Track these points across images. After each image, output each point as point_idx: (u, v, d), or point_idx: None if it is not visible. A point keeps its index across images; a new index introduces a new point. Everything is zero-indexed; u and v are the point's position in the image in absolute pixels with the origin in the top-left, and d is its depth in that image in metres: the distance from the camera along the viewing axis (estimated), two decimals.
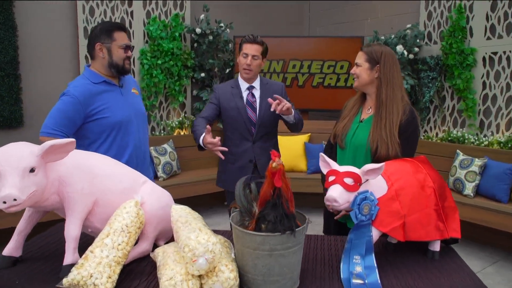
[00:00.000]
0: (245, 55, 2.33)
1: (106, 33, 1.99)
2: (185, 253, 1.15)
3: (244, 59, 2.34)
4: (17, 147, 1.27)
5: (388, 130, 1.74)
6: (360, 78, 1.84)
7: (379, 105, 1.79)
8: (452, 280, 1.35)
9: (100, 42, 1.99)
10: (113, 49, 2.00)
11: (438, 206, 1.48)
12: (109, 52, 2.00)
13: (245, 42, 2.34)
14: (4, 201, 1.17)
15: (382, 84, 1.79)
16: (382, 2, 4.84)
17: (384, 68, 1.79)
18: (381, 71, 1.79)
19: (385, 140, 1.73)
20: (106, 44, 1.99)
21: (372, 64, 1.81)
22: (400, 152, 1.72)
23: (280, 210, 1.21)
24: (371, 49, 1.84)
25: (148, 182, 1.62)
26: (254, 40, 2.33)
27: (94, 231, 1.49)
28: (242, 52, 2.34)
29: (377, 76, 1.81)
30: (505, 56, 3.77)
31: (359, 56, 1.87)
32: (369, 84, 1.84)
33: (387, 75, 1.79)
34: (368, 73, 1.82)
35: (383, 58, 1.80)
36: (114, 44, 2.00)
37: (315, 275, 1.37)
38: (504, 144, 3.63)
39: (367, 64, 1.82)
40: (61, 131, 1.91)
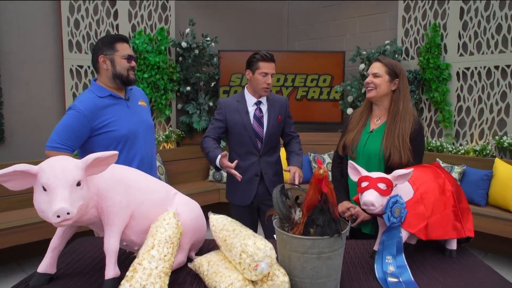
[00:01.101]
0: (264, 74, 2.35)
1: (108, 45, 2.02)
2: (242, 260, 1.19)
3: (263, 78, 2.35)
4: (62, 160, 1.26)
5: (401, 139, 1.86)
6: (379, 89, 1.94)
7: (394, 116, 1.91)
8: (474, 275, 1.46)
9: (103, 54, 2.01)
10: (116, 60, 2.02)
11: (456, 208, 1.60)
12: (112, 63, 2.02)
13: (262, 61, 2.35)
14: (58, 215, 1.16)
15: (400, 97, 1.91)
16: (361, 18, 5.08)
17: (402, 82, 1.92)
18: (400, 84, 1.92)
19: (398, 147, 1.85)
20: (108, 56, 2.01)
21: (392, 77, 1.93)
22: (412, 158, 1.85)
23: (328, 215, 1.27)
24: (391, 62, 1.95)
25: (178, 193, 1.64)
26: (272, 58, 2.37)
27: (129, 244, 1.49)
28: (260, 71, 2.35)
29: (395, 89, 1.93)
30: (476, 71, 4.07)
31: (377, 67, 1.95)
32: (385, 96, 1.96)
33: (404, 89, 1.92)
34: (387, 85, 1.93)
35: (401, 73, 1.93)
36: (117, 54, 2.02)
37: (350, 276, 1.44)
38: (479, 152, 3.89)
39: (387, 76, 1.93)
40: (67, 145, 1.92)
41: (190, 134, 4.80)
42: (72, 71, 3.97)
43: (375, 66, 1.97)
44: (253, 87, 2.44)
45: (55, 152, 1.87)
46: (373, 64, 1.99)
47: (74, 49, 3.98)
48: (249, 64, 2.42)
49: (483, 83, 4.04)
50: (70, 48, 3.95)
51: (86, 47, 4.06)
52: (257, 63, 2.37)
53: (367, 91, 2.00)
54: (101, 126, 1.97)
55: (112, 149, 2.00)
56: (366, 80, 1.99)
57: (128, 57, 2.05)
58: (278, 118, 2.46)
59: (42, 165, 1.22)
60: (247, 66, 2.44)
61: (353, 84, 4.48)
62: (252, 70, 2.40)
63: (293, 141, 2.58)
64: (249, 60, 2.43)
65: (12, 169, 1.16)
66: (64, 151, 1.89)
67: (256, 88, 2.41)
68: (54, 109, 3.93)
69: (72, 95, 3.98)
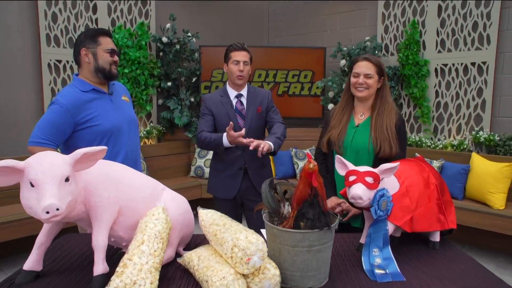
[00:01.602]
0: (236, 62, 2.39)
1: (91, 38, 1.99)
2: (234, 254, 1.20)
3: (235, 66, 2.39)
4: (49, 155, 1.24)
5: (390, 130, 1.92)
6: (371, 89, 1.98)
7: (381, 110, 1.96)
8: (456, 265, 1.51)
9: (85, 47, 1.98)
10: (99, 53, 1.99)
11: (439, 200, 1.65)
12: (95, 56, 1.99)
13: (233, 50, 2.41)
14: (47, 211, 1.15)
15: (385, 93, 1.97)
16: (342, 15, 5.13)
17: (385, 80, 1.99)
18: (384, 82, 1.98)
19: (388, 138, 1.91)
20: (91, 49, 1.99)
21: (380, 76, 1.98)
22: (400, 150, 1.91)
23: (317, 208, 1.29)
24: (378, 61, 1.99)
25: (166, 189, 1.64)
26: (242, 47, 2.41)
27: (117, 240, 1.47)
28: (232, 60, 2.39)
29: (380, 86, 1.98)
30: (454, 68, 4.18)
31: (368, 67, 1.96)
32: (373, 94, 2.01)
33: (388, 85, 1.99)
34: (377, 84, 1.99)
35: (385, 70, 1.99)
36: (100, 48, 2.00)
37: (339, 269, 1.47)
38: (457, 146, 4.00)
39: (377, 76, 1.98)
40: (51, 140, 1.89)
41: (171, 130, 4.76)
42: (50, 65, 3.87)
43: (366, 66, 1.96)
44: (230, 78, 2.47)
45: (39, 148, 1.83)
46: (362, 63, 1.97)
47: (52, 43, 3.89)
48: (225, 57, 2.48)
49: (460, 79, 4.15)
50: (48, 42, 3.85)
51: (65, 41, 3.96)
52: (230, 54, 2.43)
53: (358, 91, 1.98)
54: (85, 120, 1.94)
55: (96, 144, 1.98)
56: (358, 81, 1.96)
57: (111, 51, 2.02)
58: (258, 109, 2.48)
59: (29, 161, 1.20)
60: (224, 60, 2.49)
61: (334, 79, 4.53)
62: (227, 62, 2.46)
63: (276, 124, 2.47)
64: (224, 54, 2.48)
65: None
66: (47, 146, 1.86)
67: (232, 78, 2.45)
68: (32, 105, 3.83)
69: (50, 90, 3.88)
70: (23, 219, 3.15)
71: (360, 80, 1.96)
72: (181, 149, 4.79)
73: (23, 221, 3.16)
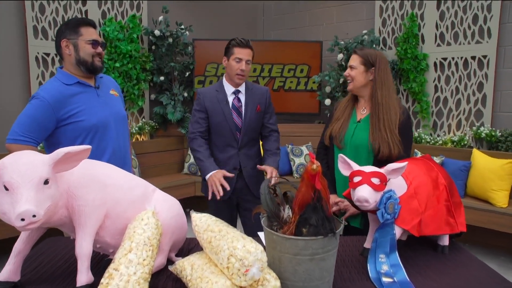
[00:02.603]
0: (238, 60, 2.26)
1: (72, 28, 1.86)
2: (230, 264, 1.09)
3: (237, 64, 2.26)
4: (26, 156, 1.13)
5: (388, 130, 1.80)
6: (355, 81, 1.89)
7: (375, 106, 1.85)
8: (469, 271, 1.41)
9: (66, 38, 1.86)
10: (80, 45, 1.86)
11: (449, 202, 1.55)
12: (76, 48, 1.86)
13: (236, 46, 2.26)
14: (23, 218, 1.03)
15: (377, 86, 1.85)
16: (338, 8, 5.02)
17: (379, 71, 1.86)
18: (376, 73, 1.85)
19: (386, 139, 1.79)
20: (72, 40, 1.86)
21: (368, 67, 1.87)
22: (402, 150, 1.79)
23: (321, 213, 1.19)
24: (366, 52, 1.90)
25: (157, 190, 1.52)
26: (247, 44, 2.28)
27: (103, 246, 1.36)
28: (235, 56, 2.26)
29: (372, 79, 1.87)
30: (453, 62, 4.08)
31: (353, 59, 1.92)
32: (364, 87, 1.90)
33: (382, 77, 1.86)
34: (364, 75, 1.88)
35: (378, 61, 1.87)
36: (81, 39, 1.86)
37: (343, 277, 1.37)
38: (457, 142, 3.91)
39: (362, 67, 1.88)
40: (31, 137, 1.77)
41: (164, 126, 4.63)
42: (38, 59, 3.72)
43: (352, 58, 1.95)
44: (228, 74, 2.34)
45: (17, 146, 1.71)
46: (352, 56, 1.96)
47: (40, 36, 3.73)
48: (226, 50, 2.34)
49: (460, 73, 4.06)
50: (35, 35, 3.70)
51: (53, 34, 3.80)
52: (232, 49, 2.28)
53: (348, 84, 1.97)
54: (68, 116, 1.81)
55: (81, 140, 1.86)
56: (344, 73, 1.97)
57: (93, 42, 1.89)
58: (257, 108, 2.36)
59: (4, 161, 1.08)
60: (224, 53, 2.35)
61: (331, 74, 4.41)
62: (227, 56, 2.32)
63: (271, 137, 2.44)
64: (226, 47, 2.34)
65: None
66: (27, 144, 1.73)
67: (231, 75, 2.32)
68: (19, 100, 3.67)
69: (38, 84, 3.74)
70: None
71: (345, 72, 1.96)
72: (174, 146, 4.66)
73: None
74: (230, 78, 2.34)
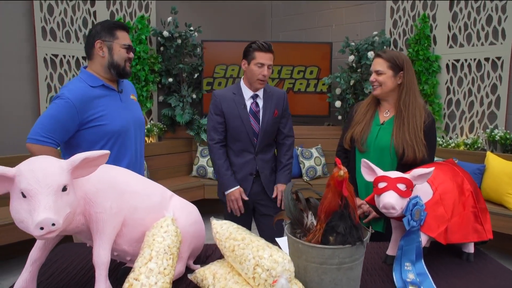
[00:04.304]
0: (260, 65, 2.20)
1: (108, 30, 1.83)
2: (256, 274, 1.05)
3: (259, 69, 2.20)
4: (44, 161, 1.08)
5: (413, 134, 1.76)
6: (384, 86, 1.84)
7: (402, 110, 1.80)
8: (497, 281, 1.36)
9: (100, 40, 1.82)
10: (115, 48, 1.83)
11: (475, 208, 1.50)
12: (110, 51, 1.83)
13: (258, 50, 2.20)
14: (42, 227, 0.99)
15: (406, 90, 1.81)
16: (348, 9, 4.97)
17: (407, 74, 1.81)
18: (404, 78, 1.81)
19: (411, 143, 1.75)
20: (107, 42, 1.82)
21: (396, 71, 1.82)
22: (426, 154, 1.75)
23: (349, 221, 1.15)
24: (392, 55, 1.85)
25: (174, 196, 1.48)
26: (269, 48, 2.22)
27: (120, 254, 1.32)
28: (256, 61, 2.20)
29: (400, 83, 1.82)
30: (466, 63, 4.02)
31: (379, 63, 1.86)
32: (392, 91, 1.85)
33: (410, 81, 1.82)
34: (392, 80, 1.83)
35: (405, 64, 1.82)
36: (116, 42, 1.84)
37: (368, 285, 1.32)
38: (470, 145, 3.85)
39: (390, 72, 1.83)
40: (52, 139, 1.73)
41: (172, 128, 4.59)
42: (46, 60, 3.69)
43: (376, 62, 1.88)
44: (248, 78, 2.28)
45: (38, 146, 1.67)
46: (374, 60, 1.90)
47: (48, 37, 3.71)
48: (245, 53, 2.27)
49: (473, 75, 4.00)
50: (44, 36, 3.68)
51: (61, 35, 3.78)
52: (253, 53, 2.21)
53: (373, 89, 1.92)
54: (91, 119, 1.77)
55: (101, 145, 1.82)
56: (370, 79, 1.91)
57: (128, 47, 1.87)
58: (275, 113, 2.31)
59: (21, 168, 1.04)
60: (243, 56, 2.29)
61: (342, 75, 4.36)
62: (248, 60, 2.25)
63: (285, 145, 2.41)
64: (245, 49, 2.27)
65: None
66: (48, 145, 1.69)
67: (251, 80, 2.26)
68: (27, 101, 3.65)
69: (46, 86, 3.71)
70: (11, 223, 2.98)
71: (371, 77, 1.90)
72: (183, 148, 4.63)
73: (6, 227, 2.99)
74: (250, 82, 2.28)
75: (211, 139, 2.29)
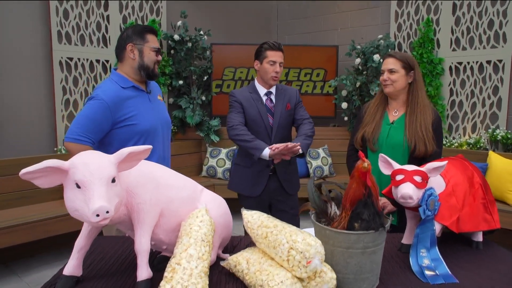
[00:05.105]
0: (272, 63, 2.34)
1: (138, 34, 1.94)
2: (291, 257, 1.15)
3: (271, 67, 2.35)
4: (95, 155, 1.19)
5: (424, 129, 1.88)
6: (397, 84, 1.96)
7: (414, 107, 1.93)
8: (507, 266, 1.47)
9: (132, 43, 1.92)
10: (145, 51, 1.94)
11: (485, 200, 1.61)
12: (141, 53, 1.94)
13: (269, 49, 2.35)
14: (97, 214, 1.09)
15: (418, 87, 1.93)
16: (353, 12, 5.09)
17: (417, 74, 1.94)
18: (416, 76, 1.93)
19: (422, 137, 1.87)
20: (138, 45, 1.93)
21: (408, 70, 1.94)
22: (436, 146, 1.87)
23: (372, 209, 1.25)
24: (404, 56, 1.97)
25: (205, 189, 1.59)
26: (279, 47, 2.37)
27: (157, 243, 1.43)
28: (268, 59, 2.34)
29: (411, 81, 1.94)
30: (469, 66, 4.15)
31: (391, 62, 1.98)
32: (403, 89, 1.97)
33: (420, 80, 1.94)
34: (405, 78, 1.95)
35: (416, 65, 1.94)
36: (147, 46, 1.95)
37: (387, 271, 1.43)
38: (473, 145, 3.97)
39: (403, 70, 1.95)
40: (88, 138, 1.82)
41: (182, 129, 4.70)
42: (61, 63, 3.80)
43: (389, 62, 2.00)
44: (262, 77, 2.42)
45: (77, 145, 1.76)
46: (386, 60, 2.01)
47: (64, 41, 3.82)
48: (257, 54, 2.42)
49: (475, 77, 4.12)
50: (60, 39, 3.79)
51: (76, 39, 3.89)
52: (265, 53, 2.37)
53: (385, 87, 2.03)
54: (123, 119, 1.87)
55: (133, 143, 1.91)
56: (382, 77, 2.02)
57: (157, 50, 1.98)
58: (287, 106, 2.44)
59: (74, 161, 1.15)
60: (255, 57, 2.44)
61: (348, 78, 4.48)
62: (260, 60, 2.40)
63: (305, 124, 2.43)
64: (257, 50, 2.43)
65: (44, 165, 1.09)
66: (85, 143, 1.79)
67: (265, 78, 2.40)
68: (43, 103, 3.76)
69: (61, 88, 3.82)
70: (31, 222, 3.07)
71: (384, 76, 2.00)
72: (193, 149, 4.74)
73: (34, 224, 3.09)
74: (264, 80, 2.42)
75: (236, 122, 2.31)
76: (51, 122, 3.81)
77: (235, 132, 2.30)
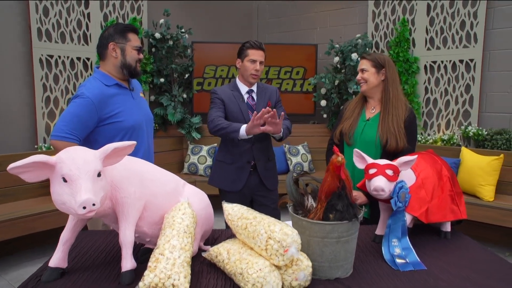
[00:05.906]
0: (252, 61, 2.41)
1: (120, 33, 1.97)
2: (269, 246, 1.22)
3: (252, 65, 2.42)
4: (81, 150, 1.24)
5: (396, 124, 1.98)
6: (369, 82, 2.06)
7: (386, 103, 2.02)
8: (470, 253, 1.57)
9: (114, 42, 1.96)
10: (127, 50, 1.98)
11: (452, 192, 1.71)
12: (123, 52, 1.97)
13: (250, 48, 2.41)
14: (84, 206, 1.14)
15: (389, 84, 2.03)
16: (332, 12, 5.19)
17: (389, 71, 2.04)
18: (387, 73, 2.03)
19: (394, 133, 1.97)
20: (120, 44, 1.97)
21: (378, 68, 2.04)
22: (407, 143, 1.97)
23: (346, 200, 1.33)
24: (375, 56, 2.07)
25: (187, 184, 1.64)
26: (260, 46, 2.43)
27: (141, 236, 1.47)
28: (249, 58, 2.41)
29: (383, 79, 2.04)
30: (442, 65, 4.30)
31: (363, 63, 2.09)
32: (376, 87, 2.07)
33: (392, 77, 2.04)
34: (376, 76, 2.05)
35: (387, 63, 2.05)
36: (129, 44, 1.98)
37: (361, 259, 1.51)
38: (447, 141, 4.12)
39: (373, 69, 2.05)
40: (74, 135, 1.85)
41: (164, 127, 4.72)
42: (41, 61, 3.78)
43: (362, 63, 2.12)
44: (242, 74, 2.49)
45: (63, 143, 1.79)
46: (360, 62, 2.14)
47: (44, 38, 3.79)
48: (239, 53, 2.48)
49: (449, 76, 4.28)
50: (39, 37, 3.76)
51: (56, 36, 3.87)
52: (246, 51, 2.43)
53: (360, 87, 2.14)
54: (109, 116, 1.91)
55: (117, 140, 1.94)
56: (357, 77, 2.14)
57: (139, 49, 2.02)
58: (268, 103, 2.51)
59: (61, 156, 1.19)
60: (238, 55, 2.50)
61: (327, 76, 4.58)
62: (241, 58, 2.47)
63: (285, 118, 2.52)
64: (239, 49, 2.49)
65: (31, 160, 1.13)
66: (71, 141, 1.81)
67: (245, 75, 2.46)
68: (23, 101, 3.73)
69: (42, 86, 3.79)
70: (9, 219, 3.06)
71: (358, 76, 2.13)
72: (174, 146, 4.76)
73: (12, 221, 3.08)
74: (244, 78, 2.48)
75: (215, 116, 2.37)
76: (31, 120, 3.78)
77: (214, 124, 2.36)
